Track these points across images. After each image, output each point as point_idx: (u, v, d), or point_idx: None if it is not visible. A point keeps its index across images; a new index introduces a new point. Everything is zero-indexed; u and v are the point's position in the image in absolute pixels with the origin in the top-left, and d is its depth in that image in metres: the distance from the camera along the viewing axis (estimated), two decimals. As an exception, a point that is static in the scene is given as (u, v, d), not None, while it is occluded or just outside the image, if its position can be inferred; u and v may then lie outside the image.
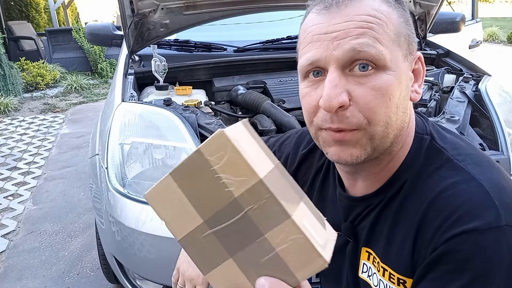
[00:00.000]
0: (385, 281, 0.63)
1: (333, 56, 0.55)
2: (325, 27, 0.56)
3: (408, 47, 0.59)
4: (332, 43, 0.55)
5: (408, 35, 0.59)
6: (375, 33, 0.54)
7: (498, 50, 9.16)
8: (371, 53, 0.54)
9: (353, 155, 0.58)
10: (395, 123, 0.57)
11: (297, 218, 0.43)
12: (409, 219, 0.59)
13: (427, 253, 0.55)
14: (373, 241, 0.67)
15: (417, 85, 0.62)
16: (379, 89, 0.55)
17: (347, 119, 0.55)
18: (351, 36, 0.54)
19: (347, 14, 0.55)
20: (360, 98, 0.55)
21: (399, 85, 0.56)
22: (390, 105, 0.56)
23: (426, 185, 0.59)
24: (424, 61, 0.64)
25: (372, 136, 0.57)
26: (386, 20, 0.56)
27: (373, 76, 0.55)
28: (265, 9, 1.90)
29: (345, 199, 0.71)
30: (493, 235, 0.51)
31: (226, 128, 0.44)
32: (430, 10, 2.00)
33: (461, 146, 0.62)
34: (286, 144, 0.90)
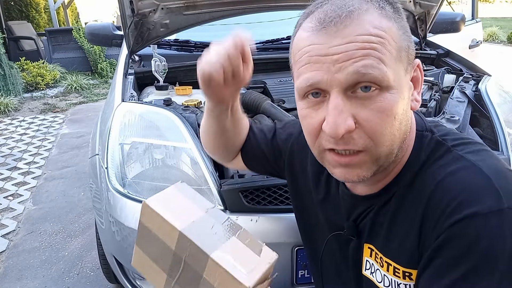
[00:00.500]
0: (389, 276, 0.63)
1: (335, 80, 0.53)
2: (325, 49, 0.53)
3: (408, 59, 0.57)
4: (334, 66, 0.53)
5: (408, 46, 0.57)
6: (378, 53, 0.53)
7: (498, 50, 9.16)
8: (375, 75, 0.52)
9: (359, 175, 0.58)
10: (399, 138, 0.58)
11: (217, 256, 0.52)
12: (412, 211, 0.59)
13: (431, 241, 0.56)
14: (374, 237, 0.67)
15: (416, 93, 0.61)
16: (384, 110, 0.54)
17: (354, 141, 0.55)
18: (355, 59, 0.52)
19: (347, 35, 0.52)
20: (365, 122, 0.54)
21: (402, 101, 0.56)
22: (395, 123, 0.55)
23: (426, 176, 0.59)
24: (422, 61, 0.64)
25: (378, 156, 0.57)
26: (387, 37, 0.54)
27: (376, 97, 0.54)
28: (265, 9, 1.89)
29: (348, 197, 0.71)
30: (495, 218, 0.51)
31: (152, 196, 0.58)
32: (430, 10, 2.00)
33: (460, 137, 0.63)
34: (289, 126, 0.89)
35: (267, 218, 1.08)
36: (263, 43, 2.12)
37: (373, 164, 0.57)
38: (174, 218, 0.54)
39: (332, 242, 0.77)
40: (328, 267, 0.81)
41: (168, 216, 0.55)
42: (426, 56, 2.07)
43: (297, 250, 1.10)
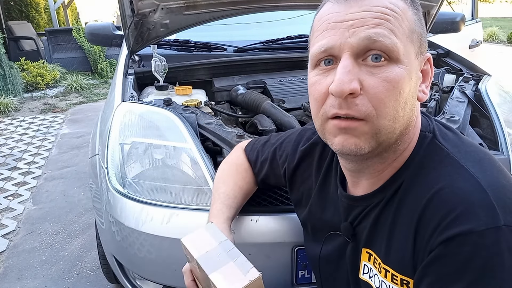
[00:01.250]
0: (387, 282, 0.63)
1: (347, 43, 0.55)
2: (342, 15, 0.56)
3: (420, 46, 0.59)
4: (348, 31, 0.55)
5: (421, 34, 0.60)
6: (391, 25, 0.55)
7: (498, 50, 9.16)
8: (385, 43, 0.54)
9: (357, 145, 0.58)
10: (402, 118, 0.57)
11: (213, 276, 0.69)
12: (408, 218, 0.59)
13: (424, 254, 0.55)
14: (373, 242, 0.66)
15: (424, 86, 0.62)
16: (390, 81, 0.55)
17: (356, 107, 0.55)
18: (368, 25, 0.54)
19: (365, 4, 0.56)
20: (371, 88, 0.55)
21: (409, 80, 0.57)
22: (400, 99, 0.56)
23: (424, 183, 0.58)
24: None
25: (379, 129, 0.57)
26: (402, 14, 0.57)
27: (385, 68, 0.55)
28: (265, 9, 1.89)
29: (345, 199, 0.71)
30: (491, 235, 0.50)
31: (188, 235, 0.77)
32: (430, 10, 2.00)
33: (462, 143, 0.62)
34: (286, 143, 0.92)
35: (267, 218, 1.08)
36: (263, 43, 2.12)
37: (372, 137, 0.57)
38: (194, 251, 0.74)
39: (330, 243, 0.77)
40: (327, 269, 0.81)
41: (191, 250, 0.74)
42: (426, 56, 2.07)
43: (297, 250, 1.10)
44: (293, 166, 0.86)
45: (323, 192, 0.79)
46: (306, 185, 0.84)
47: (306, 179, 0.84)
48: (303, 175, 0.84)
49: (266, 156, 0.95)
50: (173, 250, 1.11)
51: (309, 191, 0.83)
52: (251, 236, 1.07)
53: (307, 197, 0.83)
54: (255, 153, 0.99)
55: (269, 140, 0.98)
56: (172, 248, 1.10)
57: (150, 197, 1.16)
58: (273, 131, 1.42)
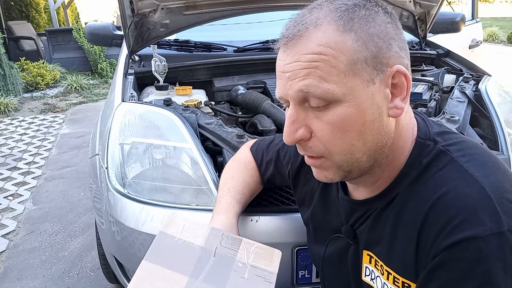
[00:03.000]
0: (389, 284, 0.63)
1: (289, 95, 0.58)
2: (282, 66, 0.58)
3: (374, 69, 0.55)
4: (287, 83, 0.57)
5: (374, 55, 0.55)
6: (320, 72, 0.54)
7: (498, 50, 9.16)
8: (316, 93, 0.55)
9: (327, 177, 0.63)
10: (363, 146, 0.58)
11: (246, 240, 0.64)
12: (412, 221, 0.58)
13: (428, 259, 0.55)
14: (373, 244, 0.66)
15: (399, 100, 0.58)
16: (333, 123, 0.57)
17: (310, 149, 0.60)
18: (299, 78, 0.56)
19: (296, 53, 0.56)
20: (318, 132, 0.58)
21: (359, 113, 0.56)
22: (350, 135, 0.57)
23: (427, 187, 0.58)
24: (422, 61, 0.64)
25: (339, 164, 0.60)
26: (334, 53, 0.54)
27: (327, 111, 0.57)
28: (265, 9, 1.89)
29: (346, 202, 0.71)
30: (495, 241, 0.50)
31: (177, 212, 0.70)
32: (430, 10, 2.00)
33: (467, 146, 0.61)
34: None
35: (267, 218, 1.08)
36: (263, 43, 2.12)
37: (337, 169, 0.61)
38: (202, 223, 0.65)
39: (333, 245, 0.77)
40: (329, 270, 0.81)
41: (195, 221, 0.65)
42: (426, 56, 2.07)
43: (297, 250, 1.10)
44: (296, 167, 0.87)
45: (325, 194, 0.79)
46: (309, 186, 0.84)
47: (309, 180, 0.84)
48: (306, 176, 0.84)
49: (271, 157, 0.95)
50: (173, 250, 1.11)
51: (312, 192, 0.83)
52: (251, 236, 1.06)
53: (310, 198, 0.84)
54: (260, 153, 0.99)
55: (274, 140, 0.98)
56: (172, 248, 1.10)
57: (150, 197, 1.16)
58: (273, 131, 1.42)
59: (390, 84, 0.57)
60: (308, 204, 0.84)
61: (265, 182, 1.01)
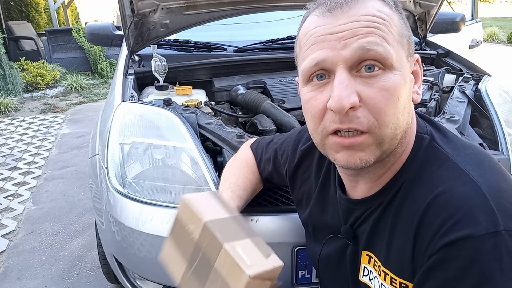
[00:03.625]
0: (386, 285, 0.63)
1: (341, 56, 0.54)
2: (331, 28, 0.55)
3: (409, 48, 0.60)
4: (339, 43, 0.54)
5: (409, 36, 0.60)
6: (382, 33, 0.55)
7: (498, 50, 9.16)
8: (379, 51, 0.54)
9: (362, 159, 0.57)
10: (402, 123, 0.58)
11: (229, 246, 0.56)
12: (408, 221, 0.58)
13: (424, 259, 0.55)
14: (373, 245, 0.66)
15: (417, 86, 0.63)
16: (387, 89, 0.54)
17: (358, 119, 0.55)
18: (359, 35, 0.54)
19: (352, 15, 0.55)
20: (369, 99, 0.54)
21: (405, 85, 0.57)
22: (398, 105, 0.56)
23: (424, 186, 0.58)
24: (422, 61, 0.65)
25: (382, 139, 0.56)
26: (389, 20, 0.57)
27: (380, 76, 0.55)
28: (265, 9, 1.89)
29: (344, 202, 0.71)
30: (491, 240, 0.50)
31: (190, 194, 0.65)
32: (430, 10, 2.00)
33: (462, 146, 0.61)
34: (287, 142, 0.92)
35: (267, 218, 1.08)
36: (263, 43, 2.12)
37: (376, 147, 0.57)
38: (202, 213, 0.62)
39: (330, 245, 0.77)
40: (327, 270, 0.81)
41: (197, 210, 0.62)
42: (426, 56, 2.07)
43: (297, 250, 1.10)
44: (293, 166, 0.87)
45: (323, 194, 0.79)
46: (306, 186, 0.84)
47: (306, 180, 0.84)
48: (303, 175, 0.84)
49: (270, 155, 0.95)
50: (173, 250, 1.11)
51: (310, 192, 0.83)
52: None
53: (307, 198, 0.83)
54: (260, 151, 0.99)
55: (273, 139, 0.99)
56: (172, 248, 1.10)
57: (150, 197, 1.16)
58: (273, 131, 1.42)
59: (412, 69, 0.61)
60: (306, 204, 0.84)
61: (264, 181, 1.01)
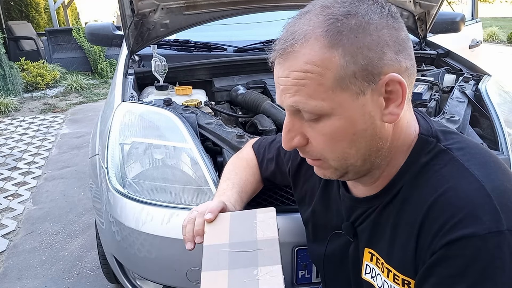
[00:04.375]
0: (389, 282, 0.63)
1: (284, 105, 0.61)
2: (277, 78, 0.60)
3: (364, 81, 0.55)
4: (281, 95, 0.60)
5: (363, 68, 0.54)
6: (307, 90, 0.56)
7: (498, 50, 9.16)
8: (306, 109, 0.57)
9: (325, 175, 0.66)
10: (356, 153, 0.60)
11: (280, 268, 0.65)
12: (412, 219, 0.59)
13: (426, 256, 0.55)
14: (375, 242, 0.66)
15: (394, 106, 0.57)
16: (325, 134, 0.59)
17: (308, 153, 0.64)
18: (290, 93, 0.58)
19: (286, 68, 0.58)
20: (313, 140, 0.61)
21: (350, 124, 0.57)
22: (341, 144, 0.59)
23: (428, 185, 0.58)
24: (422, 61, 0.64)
25: (335, 167, 0.63)
26: (320, 71, 0.54)
27: (319, 123, 0.59)
28: (265, 9, 1.89)
29: (348, 199, 0.71)
30: (494, 239, 0.50)
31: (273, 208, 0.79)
32: (430, 10, 2.00)
33: (467, 146, 0.61)
34: None
35: (267, 218, 1.08)
36: (263, 43, 2.12)
37: (335, 170, 0.63)
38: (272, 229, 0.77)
39: (334, 243, 0.77)
40: (330, 268, 0.81)
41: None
42: (426, 56, 2.07)
43: (297, 250, 1.10)
44: (296, 164, 0.87)
45: (326, 191, 0.79)
46: (310, 183, 0.84)
47: (310, 177, 0.84)
48: (307, 173, 0.84)
49: (272, 155, 0.96)
50: (173, 250, 1.10)
51: (313, 190, 0.83)
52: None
53: (310, 196, 0.84)
54: (262, 150, 1.00)
55: (275, 139, 0.99)
56: (172, 248, 1.10)
57: (150, 197, 1.16)
58: (273, 131, 1.42)
59: (384, 92, 0.56)
60: (309, 202, 0.84)
61: (266, 180, 1.01)
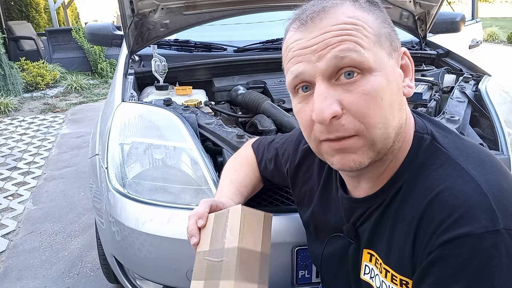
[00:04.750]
0: (387, 282, 0.63)
1: (317, 68, 0.56)
2: (304, 42, 0.57)
3: (391, 45, 0.60)
4: (314, 56, 0.56)
5: (389, 33, 0.60)
6: (354, 38, 0.56)
7: (498, 50, 9.16)
8: (353, 57, 0.55)
9: (355, 161, 0.58)
10: (393, 121, 0.58)
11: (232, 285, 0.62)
12: (409, 219, 0.59)
13: (423, 256, 0.55)
14: (375, 243, 0.66)
15: (408, 79, 0.63)
16: (368, 93, 0.55)
17: (343, 127, 0.56)
18: (332, 45, 0.55)
19: (323, 27, 0.56)
20: (351, 106, 0.56)
21: (388, 84, 0.57)
22: (384, 105, 0.56)
23: (425, 185, 0.58)
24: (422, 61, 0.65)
25: (373, 140, 0.57)
26: (363, 24, 0.57)
27: (360, 81, 0.56)
28: (265, 9, 1.89)
29: (346, 201, 0.71)
30: (490, 239, 0.50)
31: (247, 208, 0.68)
32: (430, 10, 2.00)
33: (464, 145, 0.61)
34: (288, 141, 0.92)
35: (267, 218, 1.08)
36: (263, 43, 2.12)
37: (369, 148, 0.58)
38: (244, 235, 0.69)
39: (332, 244, 0.77)
40: (329, 269, 0.81)
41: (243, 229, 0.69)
42: (426, 56, 2.07)
43: (297, 250, 1.10)
44: (294, 165, 0.87)
45: (325, 193, 0.79)
46: (308, 185, 0.84)
47: (308, 179, 0.84)
48: (305, 175, 0.84)
49: (271, 155, 0.95)
50: (173, 250, 1.10)
51: (312, 191, 0.83)
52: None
53: (309, 198, 0.83)
54: (261, 150, 1.00)
55: (274, 139, 0.99)
56: (172, 248, 1.10)
57: (150, 197, 1.16)
58: (273, 131, 1.42)
59: (399, 63, 0.62)
60: (308, 203, 0.84)
61: (265, 180, 1.01)
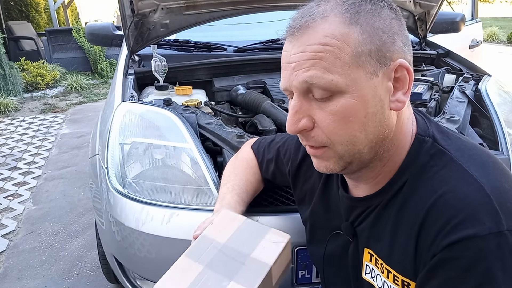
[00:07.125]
0: (389, 282, 0.63)
1: (293, 85, 0.59)
2: (288, 56, 0.60)
3: (378, 61, 0.56)
4: (292, 73, 0.58)
5: (377, 49, 0.56)
6: (324, 63, 0.55)
7: (498, 50, 9.16)
8: (321, 84, 0.56)
9: (327, 167, 0.63)
10: (365, 138, 0.59)
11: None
12: (411, 220, 0.59)
13: (427, 258, 0.55)
14: (374, 242, 0.66)
15: (401, 93, 0.59)
16: (336, 113, 0.57)
17: (313, 139, 0.61)
18: (304, 68, 0.57)
19: (302, 44, 0.57)
20: (320, 122, 0.59)
21: (363, 104, 0.57)
22: (352, 125, 0.58)
23: (428, 186, 0.58)
24: (422, 61, 0.64)
25: (340, 154, 0.61)
26: (339, 44, 0.55)
27: (330, 102, 0.57)
28: (265, 9, 1.89)
29: (346, 200, 0.71)
30: (494, 240, 0.50)
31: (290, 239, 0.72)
32: (430, 10, 2.00)
33: (465, 147, 0.61)
34: (290, 141, 0.92)
35: (267, 218, 1.08)
36: (263, 43, 2.12)
37: (339, 159, 0.61)
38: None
39: (333, 243, 0.77)
40: (330, 268, 0.81)
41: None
42: (426, 56, 2.07)
43: (297, 250, 1.10)
44: (296, 164, 0.87)
45: (326, 192, 0.79)
46: (309, 184, 0.84)
47: (309, 178, 0.84)
48: (306, 173, 0.84)
49: (272, 155, 0.95)
50: (173, 250, 1.10)
51: (312, 190, 0.83)
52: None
53: (310, 196, 0.84)
54: (261, 151, 1.00)
55: (275, 139, 0.99)
56: (172, 248, 1.10)
57: (150, 197, 1.16)
58: (273, 131, 1.42)
59: (392, 77, 0.59)
60: (308, 202, 0.84)
61: (266, 181, 1.01)
